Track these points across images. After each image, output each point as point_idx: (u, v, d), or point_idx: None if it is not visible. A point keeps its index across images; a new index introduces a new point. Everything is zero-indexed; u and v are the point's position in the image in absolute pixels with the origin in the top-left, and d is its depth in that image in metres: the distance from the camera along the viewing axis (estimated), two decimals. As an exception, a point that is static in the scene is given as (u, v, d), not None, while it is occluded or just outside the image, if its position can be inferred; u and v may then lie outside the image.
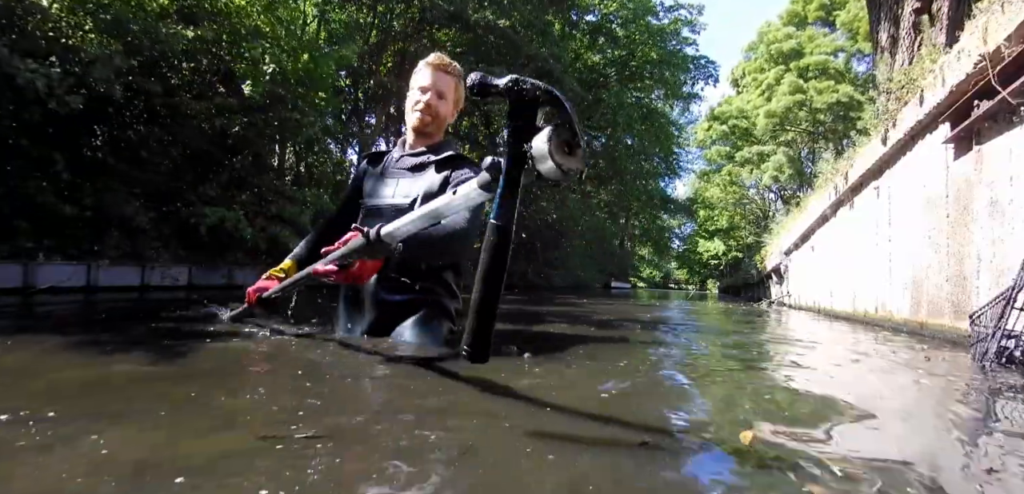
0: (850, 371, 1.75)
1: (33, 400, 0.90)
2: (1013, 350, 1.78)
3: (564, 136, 0.77)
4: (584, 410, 0.96)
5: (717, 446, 0.81)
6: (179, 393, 0.99)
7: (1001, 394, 1.37)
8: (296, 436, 0.73)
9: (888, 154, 4.13)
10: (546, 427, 0.85)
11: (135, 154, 5.34)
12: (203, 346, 1.55)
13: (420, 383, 1.14)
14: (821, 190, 6.55)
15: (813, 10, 25.05)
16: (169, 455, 0.67)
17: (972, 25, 2.88)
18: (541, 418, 0.90)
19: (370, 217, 1.77)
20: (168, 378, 1.15)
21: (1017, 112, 2.46)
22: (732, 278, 20.16)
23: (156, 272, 5.18)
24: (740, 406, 1.12)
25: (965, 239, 2.93)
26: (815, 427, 0.95)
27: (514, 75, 0.80)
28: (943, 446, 0.91)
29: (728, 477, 0.68)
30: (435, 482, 0.61)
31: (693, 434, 0.87)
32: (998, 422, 1.07)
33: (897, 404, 1.28)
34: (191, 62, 6.27)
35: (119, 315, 2.70)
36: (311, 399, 0.96)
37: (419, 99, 1.79)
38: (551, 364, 1.40)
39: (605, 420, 0.91)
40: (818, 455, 0.77)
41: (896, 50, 6.26)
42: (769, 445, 0.82)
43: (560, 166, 0.77)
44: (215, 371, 1.24)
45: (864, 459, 0.77)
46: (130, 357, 1.36)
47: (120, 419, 0.82)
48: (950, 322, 3.02)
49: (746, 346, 2.38)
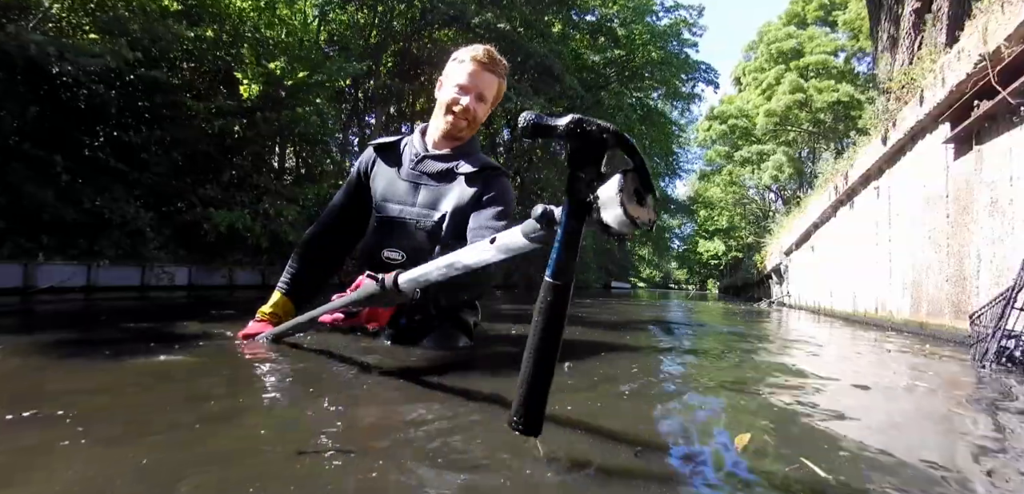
0: (849, 371, 1.75)
1: (47, 403, 0.90)
2: (1013, 350, 1.78)
3: (635, 183, 0.68)
4: (602, 423, 0.96)
5: (714, 453, 0.81)
6: (209, 405, 0.97)
7: (1001, 394, 1.37)
8: (327, 450, 0.70)
9: (888, 154, 4.13)
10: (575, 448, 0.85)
11: (136, 155, 5.34)
12: (216, 350, 1.51)
13: (440, 394, 1.11)
14: (821, 190, 6.55)
15: (813, 10, 25.05)
16: (207, 468, 0.66)
17: (972, 25, 2.89)
18: (570, 437, 0.90)
19: (387, 231, 1.57)
20: (184, 385, 1.15)
21: (1017, 112, 2.46)
22: (732, 278, 20.18)
23: (156, 272, 5.18)
24: (739, 409, 1.12)
25: (965, 239, 2.94)
26: (813, 427, 0.95)
27: (577, 115, 0.69)
28: (943, 447, 0.91)
29: (722, 485, 0.68)
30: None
31: (688, 441, 0.88)
32: (998, 422, 1.08)
33: (896, 405, 1.28)
34: (192, 62, 6.28)
35: (128, 316, 2.70)
36: (335, 410, 0.95)
37: (457, 99, 1.55)
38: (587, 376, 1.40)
39: (610, 436, 0.91)
40: (817, 455, 0.77)
41: (896, 50, 6.26)
42: (767, 447, 0.82)
43: (631, 217, 0.66)
44: (235, 380, 1.21)
45: (863, 459, 0.77)
46: (147, 363, 1.35)
47: (144, 430, 0.82)
48: (950, 322, 3.02)
49: (747, 346, 2.38)
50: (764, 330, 3.41)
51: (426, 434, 0.79)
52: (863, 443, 0.85)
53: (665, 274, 51.26)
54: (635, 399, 1.10)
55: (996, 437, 0.96)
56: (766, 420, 0.98)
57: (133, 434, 0.75)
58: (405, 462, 0.67)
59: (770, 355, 2.05)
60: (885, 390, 1.43)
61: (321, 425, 0.81)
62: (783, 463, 0.73)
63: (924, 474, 0.72)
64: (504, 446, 0.74)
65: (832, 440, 0.87)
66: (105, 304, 3.50)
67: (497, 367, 1.36)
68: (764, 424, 0.95)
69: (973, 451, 0.86)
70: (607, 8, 16.80)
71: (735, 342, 2.51)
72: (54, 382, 1.08)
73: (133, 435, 0.75)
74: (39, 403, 0.86)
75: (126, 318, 2.54)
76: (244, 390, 1.08)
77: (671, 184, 28.23)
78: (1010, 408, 1.20)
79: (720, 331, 3.20)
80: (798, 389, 1.32)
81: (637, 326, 3.20)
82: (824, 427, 0.94)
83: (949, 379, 1.60)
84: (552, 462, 0.69)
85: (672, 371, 1.56)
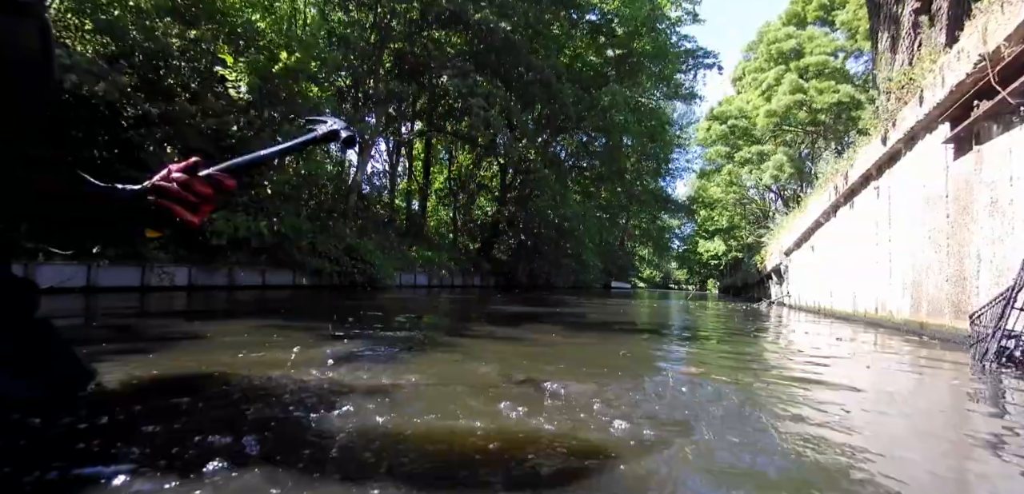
0: (849, 371, 1.75)
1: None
2: (1013, 350, 1.78)
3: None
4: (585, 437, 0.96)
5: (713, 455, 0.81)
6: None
7: (1001, 394, 1.37)
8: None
9: (888, 154, 4.13)
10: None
11: (136, 155, 5.35)
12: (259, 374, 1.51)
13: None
14: (821, 190, 6.55)
15: (812, 10, 25.04)
16: None
17: (972, 25, 2.88)
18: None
19: None
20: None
21: (1017, 112, 2.46)
22: (732, 278, 20.17)
23: (156, 273, 5.18)
24: (743, 403, 1.12)
25: (965, 239, 2.93)
26: (812, 427, 0.94)
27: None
28: (943, 446, 0.91)
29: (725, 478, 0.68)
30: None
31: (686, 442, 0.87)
32: (998, 422, 1.07)
33: (896, 404, 1.27)
34: (189, 63, 6.28)
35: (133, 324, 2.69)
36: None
37: None
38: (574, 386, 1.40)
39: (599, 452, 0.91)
40: (816, 455, 0.77)
41: (896, 50, 6.26)
42: (768, 448, 0.82)
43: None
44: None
45: (863, 458, 0.77)
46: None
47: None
48: (950, 322, 3.02)
49: (747, 346, 2.38)
50: (764, 330, 3.40)
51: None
52: (863, 443, 0.85)
53: (665, 274, 51.24)
54: (636, 402, 1.10)
55: (996, 437, 0.95)
56: (764, 421, 0.98)
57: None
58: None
59: (771, 356, 2.05)
60: (884, 390, 1.43)
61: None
62: (778, 467, 0.73)
63: (924, 474, 0.72)
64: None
65: (830, 438, 0.86)
66: (106, 307, 3.49)
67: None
68: (763, 423, 0.94)
69: (973, 450, 0.85)
70: (607, 6, 16.80)
71: (736, 344, 2.50)
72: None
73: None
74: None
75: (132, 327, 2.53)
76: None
77: (671, 184, 28.27)
78: (1010, 408, 1.20)
79: (721, 332, 3.20)
80: (798, 389, 1.32)
81: (642, 335, 3.18)
82: (821, 426, 0.94)
83: (949, 379, 1.60)
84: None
85: (674, 372, 1.55)
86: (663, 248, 37.49)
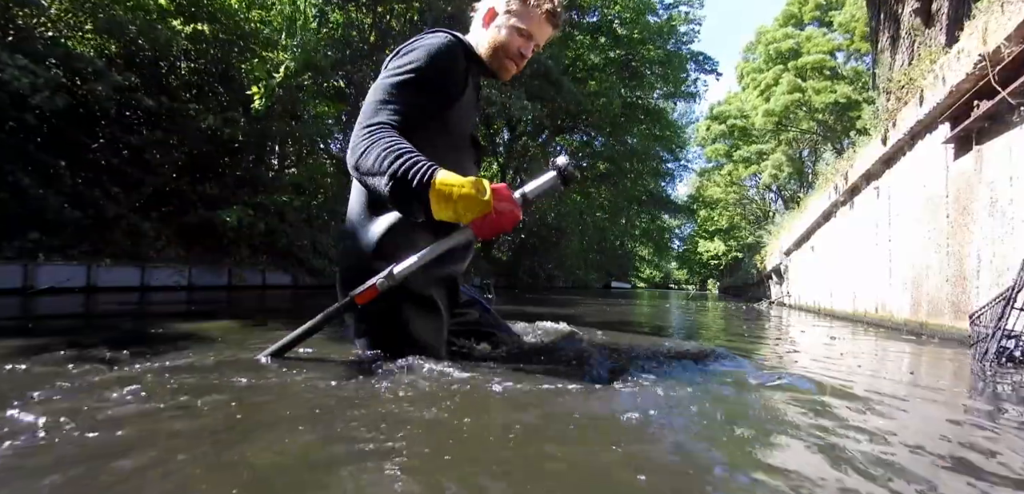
0: (849, 371, 1.75)
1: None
2: (1013, 350, 1.78)
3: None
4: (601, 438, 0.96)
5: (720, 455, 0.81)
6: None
7: (1001, 394, 1.37)
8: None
9: (888, 154, 4.13)
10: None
11: (136, 156, 5.35)
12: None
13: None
14: (821, 190, 6.55)
15: (809, 11, 25.06)
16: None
17: (972, 25, 2.89)
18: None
19: (467, 156, 1.44)
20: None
21: (1017, 112, 2.46)
22: (732, 278, 20.18)
23: (167, 273, 5.18)
24: (741, 404, 1.12)
25: (965, 239, 2.94)
26: (810, 428, 0.95)
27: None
28: (943, 447, 0.91)
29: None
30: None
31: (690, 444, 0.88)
32: (998, 422, 1.08)
33: (896, 404, 1.28)
34: (190, 62, 6.28)
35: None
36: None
37: (521, 47, 1.39)
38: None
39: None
40: (815, 455, 0.77)
41: (896, 50, 6.26)
42: (768, 447, 0.82)
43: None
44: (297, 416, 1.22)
45: (863, 459, 0.77)
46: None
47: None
48: (950, 322, 3.03)
49: (746, 346, 2.38)
50: (765, 330, 3.41)
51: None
52: (863, 443, 0.85)
53: (665, 274, 51.28)
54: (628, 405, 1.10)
55: (996, 437, 0.96)
56: (766, 419, 0.98)
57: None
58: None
59: (771, 356, 2.05)
60: (884, 389, 1.43)
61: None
62: (775, 469, 0.73)
63: (924, 474, 0.72)
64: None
65: (829, 437, 0.87)
66: (105, 306, 3.49)
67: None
68: (762, 423, 0.95)
69: (973, 451, 0.86)
70: (608, 8, 16.81)
71: (736, 343, 2.51)
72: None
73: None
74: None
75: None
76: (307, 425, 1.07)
77: (672, 184, 28.28)
78: (1010, 408, 1.20)
79: (721, 332, 3.20)
80: (797, 391, 1.32)
81: (640, 335, 3.19)
82: (821, 425, 0.94)
83: (949, 379, 1.61)
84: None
85: (671, 375, 1.55)
86: (663, 248, 37.52)
